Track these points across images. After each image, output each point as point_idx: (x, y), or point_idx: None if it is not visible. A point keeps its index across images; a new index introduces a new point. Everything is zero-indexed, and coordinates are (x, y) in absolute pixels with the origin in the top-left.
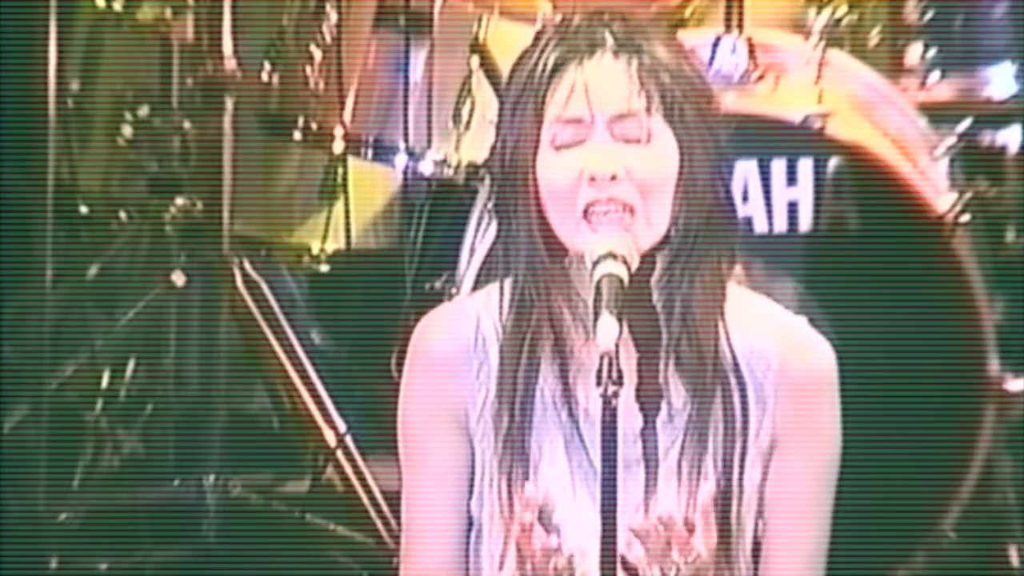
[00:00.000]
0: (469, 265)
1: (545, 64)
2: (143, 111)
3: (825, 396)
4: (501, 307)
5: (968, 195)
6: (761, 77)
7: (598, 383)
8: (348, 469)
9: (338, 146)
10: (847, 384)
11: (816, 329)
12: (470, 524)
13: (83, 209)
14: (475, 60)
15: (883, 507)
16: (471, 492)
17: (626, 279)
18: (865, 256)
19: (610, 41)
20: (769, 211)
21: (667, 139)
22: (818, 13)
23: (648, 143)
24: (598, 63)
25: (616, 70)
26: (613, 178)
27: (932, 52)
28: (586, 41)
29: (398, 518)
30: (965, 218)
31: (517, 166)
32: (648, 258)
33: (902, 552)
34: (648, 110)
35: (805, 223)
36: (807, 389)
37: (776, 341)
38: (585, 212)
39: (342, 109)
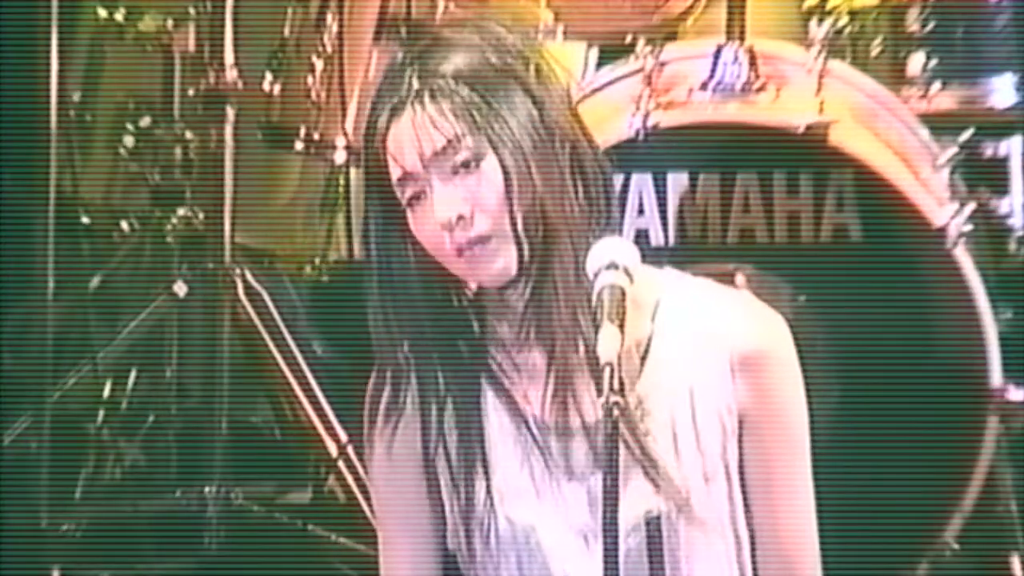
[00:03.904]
0: None
1: (369, 132)
2: (145, 121)
3: (784, 366)
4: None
5: (970, 205)
6: (763, 87)
7: (599, 393)
8: (350, 479)
9: (340, 156)
10: (849, 393)
11: (817, 340)
12: (450, 558)
13: (85, 219)
14: None
15: (885, 517)
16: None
17: (628, 289)
18: (867, 267)
19: (413, 87)
20: (770, 222)
21: (489, 151)
22: (820, 23)
23: (480, 164)
24: (404, 119)
25: (419, 118)
26: (460, 218)
27: (934, 62)
28: (393, 101)
29: None
30: (967, 228)
31: (380, 225)
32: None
33: (904, 562)
34: (460, 136)
35: (807, 234)
36: (764, 361)
37: (723, 316)
38: (459, 254)
39: (344, 119)
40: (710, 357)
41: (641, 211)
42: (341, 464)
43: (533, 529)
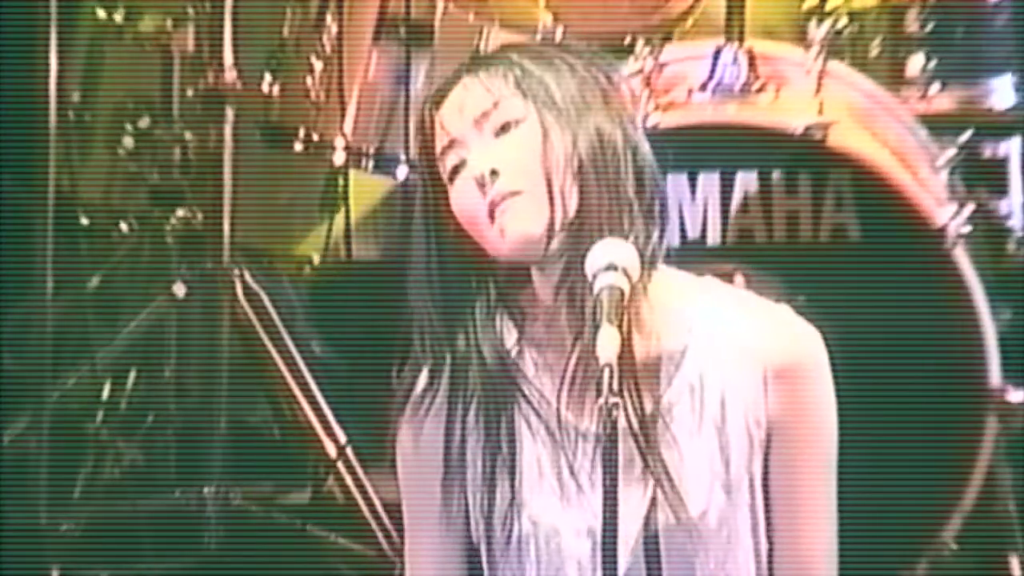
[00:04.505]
0: None
1: (421, 119)
2: (144, 122)
3: (817, 380)
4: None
5: (969, 206)
6: (762, 88)
7: (598, 395)
8: (349, 480)
9: (339, 157)
10: (848, 394)
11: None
12: (474, 550)
13: (84, 220)
14: None
15: (884, 517)
16: (468, 521)
17: (627, 290)
18: (866, 267)
19: (464, 67)
20: (769, 222)
21: (531, 113)
22: (819, 24)
23: (519, 126)
24: (454, 91)
25: (471, 83)
26: (494, 173)
27: (933, 63)
28: (444, 82)
29: (399, 529)
30: (966, 229)
31: (431, 219)
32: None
33: (903, 562)
34: (504, 98)
35: (805, 234)
36: (798, 375)
37: (759, 329)
38: (491, 216)
39: (343, 120)
40: (744, 369)
41: None
42: (340, 464)
43: (556, 532)
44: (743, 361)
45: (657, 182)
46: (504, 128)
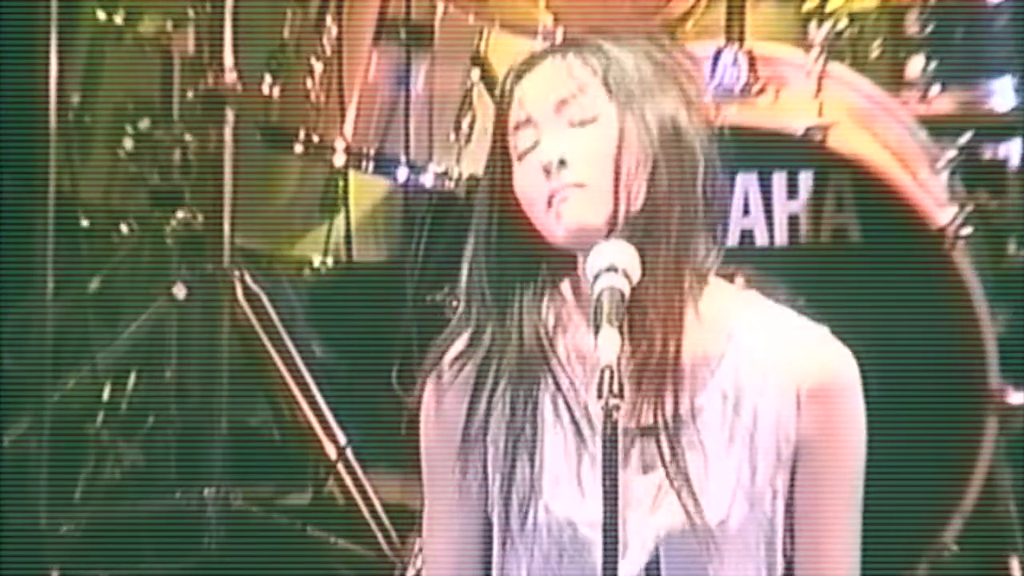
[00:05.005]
0: None
1: (502, 88)
2: (144, 123)
3: (849, 404)
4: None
5: (969, 208)
6: (762, 89)
7: (599, 396)
8: (349, 482)
9: (339, 159)
10: None
11: None
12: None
13: (84, 222)
14: (476, 73)
15: (884, 518)
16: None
17: (627, 292)
18: (866, 269)
19: (555, 46)
20: (770, 224)
21: (612, 109)
22: (819, 25)
23: (598, 120)
24: (539, 67)
25: (556, 65)
26: (562, 163)
27: (933, 65)
28: (532, 56)
29: (399, 531)
30: (966, 231)
31: (495, 190)
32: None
33: (904, 564)
34: (587, 88)
35: (805, 236)
36: (831, 397)
37: (796, 347)
38: (550, 203)
39: (343, 121)
40: (778, 384)
41: None
42: (340, 466)
43: (570, 524)
44: (778, 377)
45: (721, 187)
46: (582, 119)
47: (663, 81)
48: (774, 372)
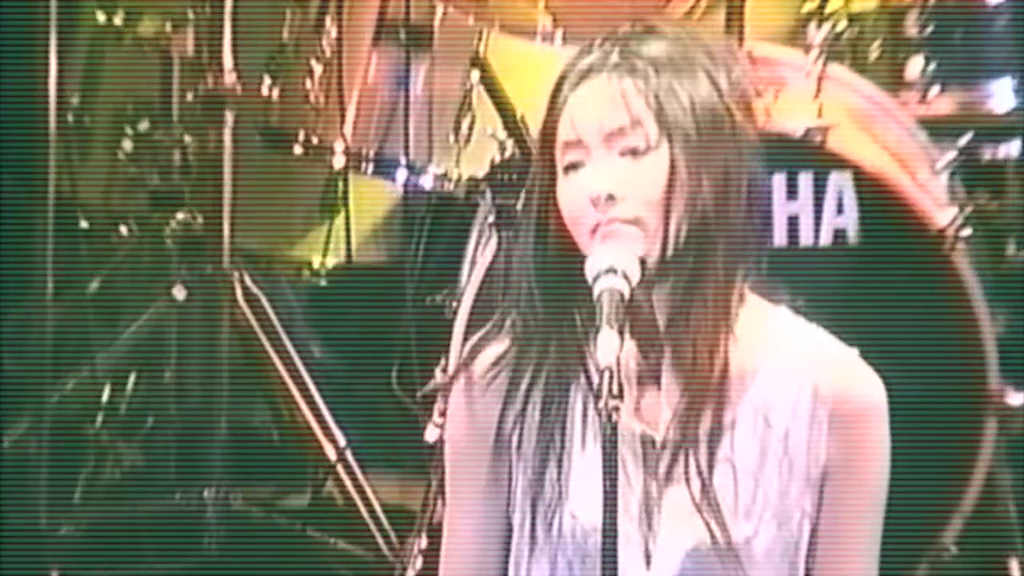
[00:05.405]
0: (470, 279)
1: (555, 92)
2: (143, 125)
3: (876, 429)
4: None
5: (968, 209)
6: (761, 91)
7: (598, 398)
8: (348, 483)
9: (339, 160)
10: None
11: None
12: (510, 531)
13: (84, 223)
14: (475, 74)
15: (884, 519)
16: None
17: (627, 293)
18: (865, 270)
19: (612, 60)
20: (769, 225)
21: (664, 144)
22: (818, 27)
23: (649, 154)
24: (594, 84)
25: (612, 86)
26: (610, 198)
27: (932, 66)
28: (589, 64)
29: (398, 532)
30: (965, 232)
31: (538, 195)
32: (655, 271)
33: (903, 565)
34: (642, 122)
35: (805, 237)
36: (858, 421)
37: (827, 370)
38: (594, 231)
39: (343, 123)
40: (809, 406)
41: None
42: (339, 467)
43: (596, 530)
44: (809, 398)
45: (764, 216)
46: (634, 152)
47: (717, 119)
48: (806, 392)
